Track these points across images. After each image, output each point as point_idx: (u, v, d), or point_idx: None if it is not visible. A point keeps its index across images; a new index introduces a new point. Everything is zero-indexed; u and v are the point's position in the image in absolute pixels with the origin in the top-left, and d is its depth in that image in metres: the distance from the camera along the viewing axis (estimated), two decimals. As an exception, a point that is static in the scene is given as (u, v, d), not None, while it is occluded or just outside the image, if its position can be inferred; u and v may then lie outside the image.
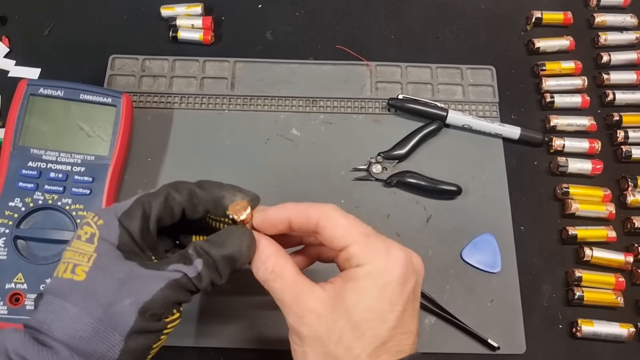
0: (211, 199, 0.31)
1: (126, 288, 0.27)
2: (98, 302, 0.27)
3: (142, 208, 0.30)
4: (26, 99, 0.45)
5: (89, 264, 0.28)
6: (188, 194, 0.31)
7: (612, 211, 0.47)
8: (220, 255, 0.29)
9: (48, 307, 0.27)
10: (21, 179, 0.43)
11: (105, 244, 0.28)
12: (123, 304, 0.27)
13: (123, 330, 0.27)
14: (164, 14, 0.54)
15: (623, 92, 0.52)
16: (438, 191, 0.47)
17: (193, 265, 0.29)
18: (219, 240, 0.30)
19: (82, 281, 0.27)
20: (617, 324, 0.43)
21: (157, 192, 0.31)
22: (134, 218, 0.29)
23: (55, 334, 0.26)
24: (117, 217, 0.29)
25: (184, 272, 0.29)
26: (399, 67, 0.53)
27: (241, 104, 0.51)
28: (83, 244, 0.28)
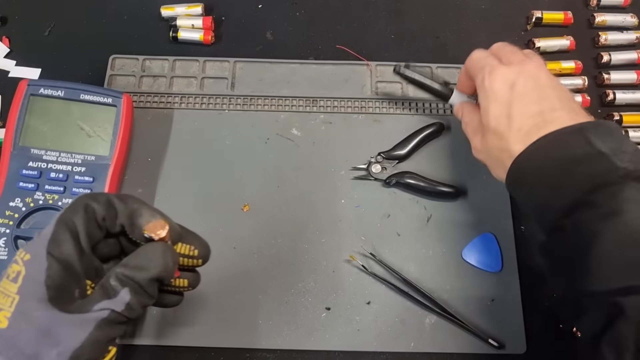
0: (128, 213, 0.29)
1: (52, 337, 0.25)
2: (22, 354, 0.25)
3: (67, 228, 0.27)
4: (26, 99, 0.45)
5: (11, 309, 0.26)
6: (106, 203, 0.29)
7: (612, 211, 0.47)
8: (147, 279, 0.27)
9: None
10: (22, 179, 0.43)
11: (29, 283, 0.26)
12: (50, 355, 0.25)
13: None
14: (164, 14, 0.54)
15: (623, 92, 0.52)
16: (436, 193, 0.47)
17: (119, 297, 0.27)
18: (141, 262, 0.28)
19: (4, 329, 0.25)
20: None
21: (75, 206, 0.28)
22: (63, 242, 0.27)
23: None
24: (45, 247, 0.27)
25: (111, 309, 0.27)
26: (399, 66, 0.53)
27: (241, 104, 0.51)
28: (8, 284, 0.26)
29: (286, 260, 0.45)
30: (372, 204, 0.47)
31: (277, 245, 0.46)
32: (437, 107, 0.51)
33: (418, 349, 0.43)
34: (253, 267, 0.45)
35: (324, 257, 0.45)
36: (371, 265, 0.45)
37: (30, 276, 0.26)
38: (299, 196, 0.47)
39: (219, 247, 0.45)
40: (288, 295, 0.44)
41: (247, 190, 0.47)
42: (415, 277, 0.44)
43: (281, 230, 0.46)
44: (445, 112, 0.51)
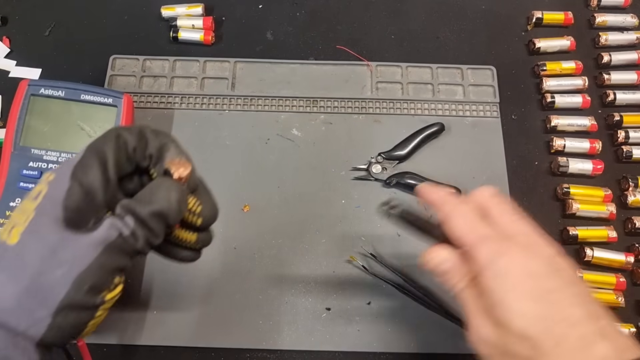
0: (158, 145, 0.29)
1: (58, 257, 0.24)
2: (26, 270, 0.24)
3: (96, 155, 0.26)
4: (27, 99, 0.45)
5: (24, 225, 0.25)
6: (138, 133, 0.28)
7: (612, 211, 0.47)
8: (149, 212, 0.26)
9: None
10: (22, 179, 0.43)
11: (47, 202, 0.25)
12: (54, 274, 0.24)
13: (52, 305, 0.24)
14: (164, 15, 0.54)
15: (624, 92, 0.51)
16: (438, 191, 0.47)
17: (124, 221, 0.26)
18: (146, 196, 0.27)
19: (13, 245, 0.25)
20: (618, 325, 0.43)
21: (108, 135, 0.27)
22: (90, 167, 0.26)
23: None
24: (71, 170, 0.26)
25: (119, 231, 0.26)
26: (400, 67, 0.53)
27: (242, 104, 0.51)
28: (28, 202, 0.26)
29: (286, 261, 0.45)
30: (372, 204, 0.47)
31: (278, 246, 0.46)
32: (437, 107, 0.51)
33: (418, 349, 0.43)
34: (253, 267, 0.45)
35: (324, 257, 0.45)
36: (371, 266, 0.45)
37: (49, 195, 0.26)
38: (299, 196, 0.47)
39: (220, 247, 0.45)
40: (288, 295, 0.44)
41: (247, 190, 0.47)
42: (415, 278, 0.44)
43: (281, 231, 0.46)
44: (444, 113, 0.51)
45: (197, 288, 0.44)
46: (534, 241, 0.28)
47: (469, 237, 0.29)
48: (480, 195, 0.31)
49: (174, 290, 0.44)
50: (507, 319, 0.27)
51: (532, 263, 0.27)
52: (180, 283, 0.44)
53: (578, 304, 0.26)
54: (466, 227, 0.29)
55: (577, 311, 0.26)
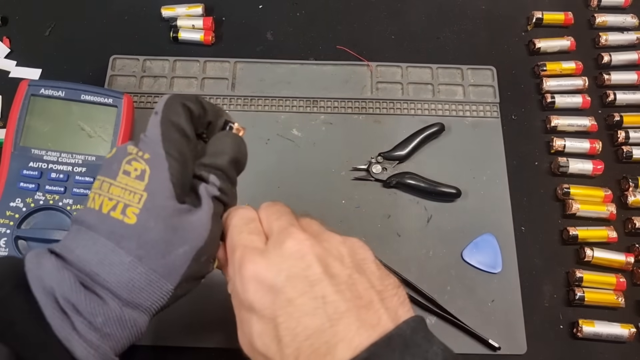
0: (214, 113, 0.31)
1: (179, 235, 0.26)
2: (152, 252, 0.25)
3: (174, 128, 0.27)
4: (27, 99, 0.45)
5: (139, 205, 0.26)
6: (197, 102, 0.29)
7: (613, 211, 0.47)
8: (226, 162, 0.28)
9: (97, 249, 0.25)
10: (22, 180, 0.43)
11: (156, 181, 0.26)
12: (177, 252, 0.26)
13: (175, 279, 0.26)
14: (164, 15, 0.54)
15: (624, 93, 0.52)
16: (437, 193, 0.47)
17: (210, 182, 0.28)
18: (219, 148, 0.29)
19: (133, 225, 0.25)
20: (618, 325, 0.43)
21: (172, 105, 0.28)
22: (176, 141, 0.27)
23: (106, 283, 0.25)
24: (161, 147, 0.27)
25: (212, 195, 0.28)
26: (400, 67, 0.53)
27: (242, 105, 0.51)
28: (132, 181, 0.26)
29: (286, 261, 0.45)
30: (372, 204, 0.47)
31: (278, 246, 0.45)
32: (437, 107, 0.51)
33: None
34: (253, 268, 0.45)
35: (324, 257, 0.45)
36: (371, 266, 0.45)
37: (155, 174, 0.26)
38: (300, 197, 0.47)
39: (220, 247, 0.45)
40: (288, 295, 0.44)
41: (247, 190, 0.47)
42: (415, 278, 0.44)
43: (281, 231, 0.46)
44: (444, 113, 0.51)
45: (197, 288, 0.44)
46: (279, 240, 0.26)
47: (230, 242, 0.29)
48: (263, 206, 0.30)
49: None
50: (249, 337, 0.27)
51: (268, 273, 0.25)
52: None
53: (313, 312, 0.24)
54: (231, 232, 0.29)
55: (311, 322, 0.24)
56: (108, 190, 0.26)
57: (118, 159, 0.27)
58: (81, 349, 0.24)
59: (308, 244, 0.26)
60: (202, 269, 0.28)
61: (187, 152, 0.28)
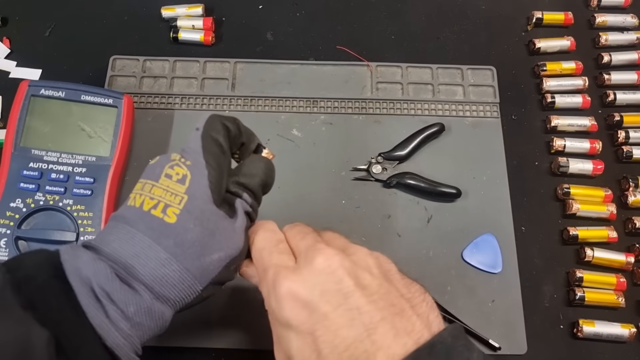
0: (248, 134, 0.33)
1: (216, 241, 0.28)
2: (188, 252, 0.27)
3: (213, 142, 0.30)
4: (27, 99, 0.45)
5: (180, 206, 0.27)
6: (235, 124, 0.32)
7: (613, 211, 0.47)
8: (257, 184, 0.31)
9: (134, 243, 0.27)
10: (22, 180, 0.43)
11: (197, 186, 0.28)
12: (212, 257, 0.28)
13: (205, 282, 0.28)
14: (164, 15, 0.54)
15: (624, 93, 0.51)
16: (437, 193, 0.47)
17: (244, 199, 0.31)
18: (249, 170, 0.31)
19: (173, 224, 0.27)
20: (619, 325, 0.43)
21: (213, 123, 0.30)
22: (214, 154, 0.30)
23: (140, 276, 0.26)
24: (202, 157, 0.29)
25: (246, 212, 0.30)
26: (400, 67, 0.53)
27: (242, 105, 0.51)
28: (174, 184, 0.28)
29: (287, 261, 0.45)
30: (372, 204, 0.47)
31: (278, 246, 0.45)
32: (437, 107, 0.51)
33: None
34: (254, 268, 0.45)
35: (324, 257, 0.45)
36: (372, 266, 0.45)
37: (195, 180, 0.28)
38: (300, 197, 0.47)
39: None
40: (289, 295, 0.44)
41: (247, 190, 0.47)
42: (415, 278, 0.44)
43: (282, 231, 0.46)
44: (444, 113, 0.51)
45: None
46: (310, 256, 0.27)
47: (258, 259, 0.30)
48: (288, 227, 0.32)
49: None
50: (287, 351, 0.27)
51: (303, 290, 0.26)
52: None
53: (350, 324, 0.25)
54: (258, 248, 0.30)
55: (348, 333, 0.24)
56: (150, 190, 0.28)
57: (161, 164, 0.29)
58: (113, 337, 0.25)
59: (337, 258, 0.26)
60: (228, 276, 0.30)
61: (223, 165, 0.30)
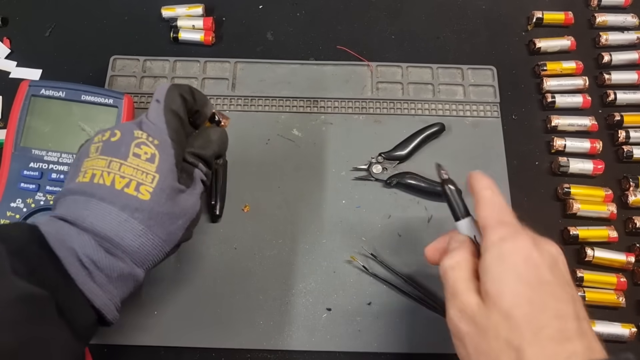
0: (202, 101, 0.36)
1: (180, 209, 0.32)
2: (161, 223, 0.31)
3: (175, 116, 0.33)
4: (27, 99, 0.45)
5: (152, 185, 0.31)
6: (190, 92, 0.35)
7: (613, 211, 0.47)
8: (211, 155, 0.35)
9: (112, 218, 0.30)
10: (23, 180, 0.43)
11: (165, 165, 0.31)
12: (177, 223, 0.32)
13: (172, 244, 0.33)
14: (164, 15, 0.54)
15: (624, 92, 0.51)
16: (438, 193, 0.47)
17: (199, 168, 0.34)
18: (204, 141, 0.35)
19: (147, 201, 0.30)
20: (619, 324, 0.43)
21: (172, 95, 0.33)
22: (177, 129, 0.33)
23: (121, 246, 0.30)
24: (167, 134, 0.32)
25: (202, 180, 0.35)
26: (400, 67, 0.53)
27: (242, 105, 0.51)
28: (144, 163, 0.31)
29: (287, 261, 0.45)
30: (372, 204, 0.47)
31: (278, 246, 0.46)
32: (437, 107, 0.51)
33: (419, 349, 0.43)
34: (254, 268, 0.45)
35: (324, 257, 0.45)
36: (372, 266, 0.45)
37: (164, 159, 0.32)
38: (300, 197, 0.47)
39: (220, 247, 0.45)
40: (289, 295, 0.44)
41: (247, 190, 0.47)
42: (416, 278, 0.44)
43: (282, 231, 0.46)
44: (444, 113, 0.51)
45: (197, 288, 0.44)
46: (544, 240, 0.30)
47: (491, 219, 0.31)
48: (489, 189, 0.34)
49: (174, 290, 0.44)
50: (498, 294, 0.28)
51: (535, 254, 0.28)
52: (180, 283, 0.44)
53: (566, 301, 0.27)
54: (494, 211, 0.31)
55: (563, 307, 0.27)
56: (119, 169, 0.31)
57: (126, 142, 0.32)
58: (101, 298, 0.30)
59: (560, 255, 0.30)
60: (188, 236, 0.34)
61: (184, 139, 0.34)
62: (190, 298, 0.44)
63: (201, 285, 0.44)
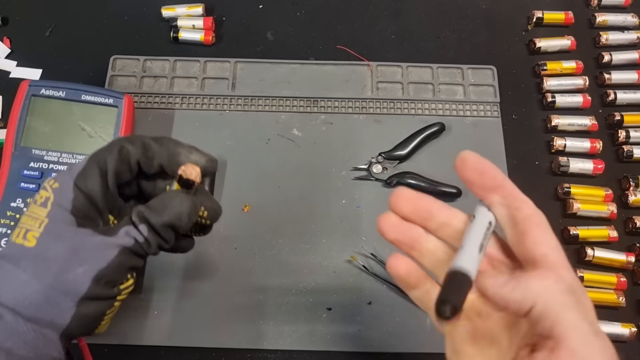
0: (166, 154, 0.30)
1: (79, 255, 0.27)
2: (49, 269, 0.26)
3: (97, 166, 0.29)
4: (28, 99, 0.45)
5: (40, 230, 0.27)
6: (142, 146, 0.30)
7: (613, 211, 0.47)
8: (160, 223, 0.28)
9: (1, 273, 0.27)
10: (23, 180, 0.43)
11: (57, 209, 0.27)
12: (76, 271, 0.27)
13: (75, 297, 0.27)
14: (164, 15, 0.54)
15: (624, 92, 0.51)
16: (438, 193, 0.47)
17: (139, 229, 0.28)
18: (159, 206, 0.29)
19: (32, 247, 0.27)
20: (619, 324, 0.43)
21: (110, 147, 0.29)
22: (91, 177, 0.28)
23: (2, 299, 0.26)
24: (73, 179, 0.28)
25: (134, 238, 0.28)
26: (400, 67, 0.53)
27: (242, 105, 0.51)
28: (37, 208, 0.28)
29: (287, 261, 0.45)
30: (373, 204, 0.47)
31: (278, 246, 0.46)
32: (437, 107, 0.51)
33: (419, 349, 0.43)
34: (254, 268, 0.45)
35: (324, 257, 0.45)
36: (372, 266, 0.45)
37: (57, 202, 0.28)
38: (300, 197, 0.47)
39: (220, 247, 0.45)
40: (289, 295, 0.44)
41: (247, 190, 0.47)
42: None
43: (282, 231, 0.46)
44: (444, 113, 0.51)
45: (197, 288, 0.44)
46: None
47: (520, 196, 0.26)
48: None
49: (174, 290, 0.44)
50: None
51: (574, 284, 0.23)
52: (180, 283, 0.44)
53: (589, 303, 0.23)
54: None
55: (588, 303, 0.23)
56: (20, 219, 0.28)
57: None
58: None
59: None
60: (106, 292, 0.28)
61: (99, 191, 0.28)
62: (190, 298, 0.44)
63: (201, 285, 0.44)
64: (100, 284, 0.27)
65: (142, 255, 0.29)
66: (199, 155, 0.31)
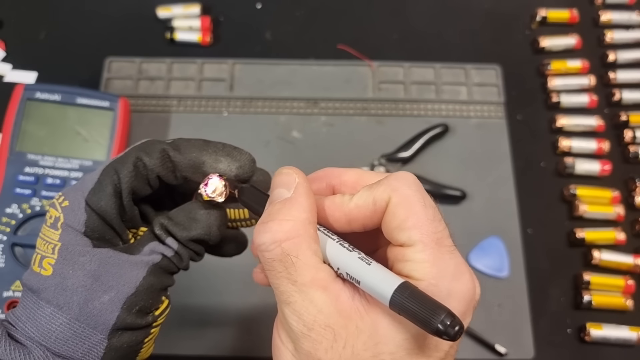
0: (189, 165, 0.26)
1: (102, 281, 0.24)
2: (71, 300, 0.24)
3: (110, 182, 0.25)
4: (23, 103, 0.44)
5: (54, 256, 0.24)
6: (160, 157, 0.26)
7: (620, 213, 0.46)
8: (188, 238, 0.26)
9: (24, 302, 0.25)
10: (18, 185, 0.43)
11: (69, 231, 0.25)
12: (101, 300, 0.24)
13: (104, 329, 0.24)
14: (160, 15, 0.53)
15: (630, 91, 0.51)
16: (442, 196, 0.46)
17: (166, 244, 0.25)
18: (185, 221, 0.26)
19: (49, 276, 0.24)
20: (627, 328, 0.42)
21: (125, 158, 0.25)
22: (104, 196, 0.25)
23: (29, 332, 0.24)
24: (85, 197, 0.25)
25: (163, 253, 0.25)
26: (402, 66, 0.52)
27: (241, 106, 0.50)
28: (48, 230, 0.25)
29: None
30: (375, 207, 0.46)
31: (279, 251, 0.45)
32: (440, 108, 0.50)
33: None
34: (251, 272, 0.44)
35: (326, 262, 0.44)
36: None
37: (68, 224, 0.25)
38: (301, 200, 0.47)
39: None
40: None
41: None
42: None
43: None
44: (448, 114, 0.50)
45: (198, 294, 0.43)
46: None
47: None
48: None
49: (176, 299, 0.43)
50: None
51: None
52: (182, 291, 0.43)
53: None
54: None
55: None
56: (37, 242, 0.25)
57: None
58: None
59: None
60: (137, 321, 0.25)
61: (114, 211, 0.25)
62: (191, 306, 0.43)
63: (202, 291, 0.43)
64: (132, 312, 0.24)
65: (173, 272, 0.26)
66: (229, 162, 0.27)
